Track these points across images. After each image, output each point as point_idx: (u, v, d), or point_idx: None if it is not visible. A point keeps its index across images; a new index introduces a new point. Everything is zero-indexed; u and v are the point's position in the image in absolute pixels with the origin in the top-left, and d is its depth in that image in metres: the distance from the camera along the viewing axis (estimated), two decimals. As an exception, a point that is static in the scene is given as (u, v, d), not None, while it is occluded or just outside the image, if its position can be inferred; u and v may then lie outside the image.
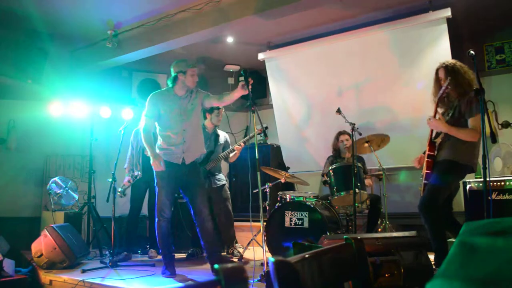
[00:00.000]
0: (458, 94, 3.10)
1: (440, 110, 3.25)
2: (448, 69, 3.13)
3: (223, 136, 4.79)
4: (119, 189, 4.29)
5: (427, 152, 3.19)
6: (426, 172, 3.14)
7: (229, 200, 4.72)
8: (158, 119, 3.59)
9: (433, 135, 3.25)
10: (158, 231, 3.51)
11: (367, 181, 4.62)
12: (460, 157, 3.03)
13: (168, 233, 3.57)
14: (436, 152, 3.17)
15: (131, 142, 4.75)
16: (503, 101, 5.08)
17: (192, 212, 3.60)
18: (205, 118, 4.69)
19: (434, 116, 3.17)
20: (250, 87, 3.28)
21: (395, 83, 5.13)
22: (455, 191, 3.34)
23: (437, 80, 3.23)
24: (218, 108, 4.64)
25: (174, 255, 3.70)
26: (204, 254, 4.65)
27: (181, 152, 3.52)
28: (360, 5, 4.77)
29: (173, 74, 3.57)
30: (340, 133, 4.80)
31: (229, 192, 4.77)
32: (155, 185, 3.58)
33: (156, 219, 3.51)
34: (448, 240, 3.17)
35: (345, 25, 5.22)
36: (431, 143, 3.21)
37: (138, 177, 4.47)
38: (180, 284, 3.20)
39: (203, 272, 3.76)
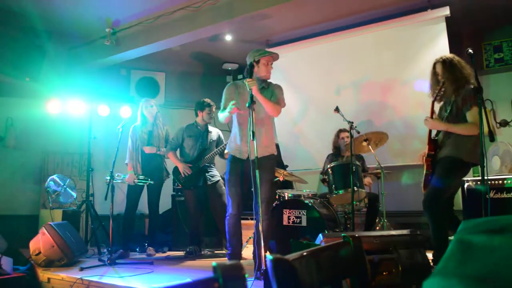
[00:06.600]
0: (455, 89, 3.08)
1: (437, 104, 3.24)
2: (445, 64, 3.12)
3: (215, 132, 4.79)
4: (120, 178, 4.41)
5: (427, 152, 3.18)
6: (426, 172, 3.14)
7: (224, 196, 4.71)
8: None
9: (433, 133, 3.24)
10: (226, 227, 3.50)
11: (367, 180, 4.62)
12: (463, 154, 3.00)
13: (234, 231, 3.47)
14: (437, 151, 3.15)
15: (130, 137, 4.73)
16: (501, 100, 5.09)
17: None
18: (196, 115, 4.70)
19: (431, 116, 3.17)
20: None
21: (393, 82, 5.13)
22: (456, 188, 3.33)
23: (434, 74, 3.23)
24: (209, 106, 4.64)
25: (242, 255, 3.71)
26: (203, 252, 4.72)
27: (247, 147, 3.35)
28: (359, 3, 4.77)
29: (248, 64, 3.36)
30: (341, 131, 4.80)
31: (224, 188, 4.76)
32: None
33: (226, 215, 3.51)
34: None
35: (343, 23, 5.22)
36: (431, 141, 3.19)
37: (148, 184, 4.55)
38: (178, 282, 3.20)
39: (201, 270, 3.76)
